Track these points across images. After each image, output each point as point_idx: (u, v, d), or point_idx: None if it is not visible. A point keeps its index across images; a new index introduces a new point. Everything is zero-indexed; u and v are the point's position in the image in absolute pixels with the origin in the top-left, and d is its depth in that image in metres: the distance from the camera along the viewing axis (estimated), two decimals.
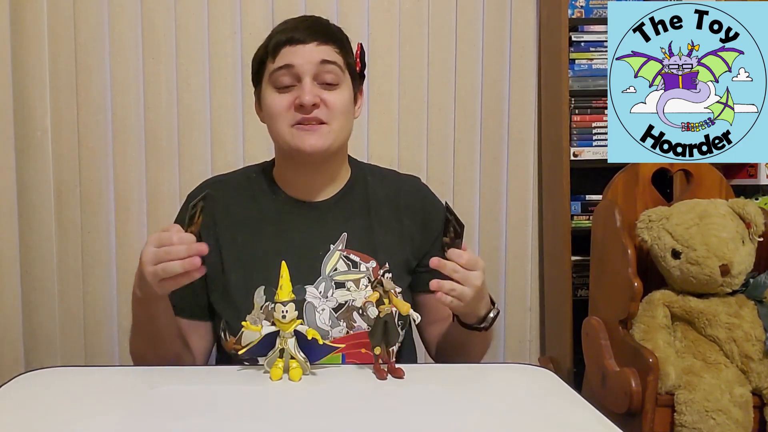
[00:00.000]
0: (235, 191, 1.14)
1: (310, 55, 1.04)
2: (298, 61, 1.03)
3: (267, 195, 1.13)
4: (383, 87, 2.13)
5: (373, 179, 1.17)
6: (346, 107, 1.07)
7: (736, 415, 1.50)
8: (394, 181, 1.19)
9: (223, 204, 1.11)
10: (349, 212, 1.12)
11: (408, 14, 2.14)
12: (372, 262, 1.07)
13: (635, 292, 1.62)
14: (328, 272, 1.07)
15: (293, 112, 1.04)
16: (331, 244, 1.09)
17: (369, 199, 1.14)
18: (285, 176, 1.13)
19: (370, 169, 1.20)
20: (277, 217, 1.11)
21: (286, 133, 1.05)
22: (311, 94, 1.02)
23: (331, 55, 1.05)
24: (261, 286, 1.01)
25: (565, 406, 0.76)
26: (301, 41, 1.04)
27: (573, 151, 2.08)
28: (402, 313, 0.84)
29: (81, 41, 2.04)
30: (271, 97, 1.06)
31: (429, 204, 1.19)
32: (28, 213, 2.04)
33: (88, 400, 0.77)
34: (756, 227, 1.64)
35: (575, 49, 2.09)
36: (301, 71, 1.03)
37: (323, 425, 0.68)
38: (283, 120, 1.05)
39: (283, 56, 1.04)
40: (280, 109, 1.05)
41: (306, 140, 1.03)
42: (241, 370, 0.85)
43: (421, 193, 1.20)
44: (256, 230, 1.10)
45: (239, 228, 1.10)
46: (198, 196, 1.08)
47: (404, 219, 1.15)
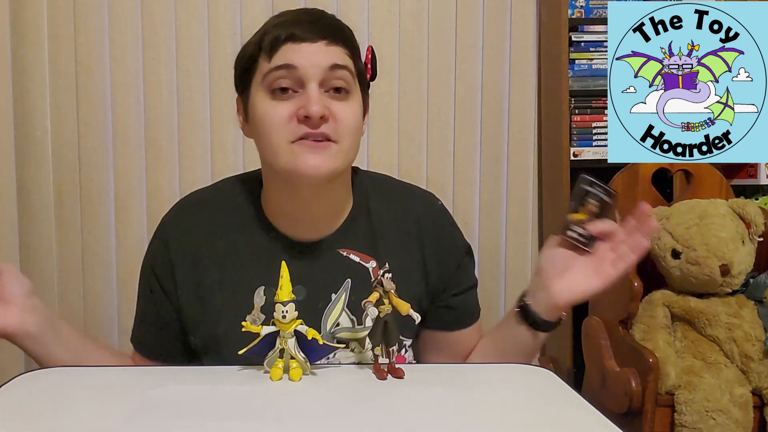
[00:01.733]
0: (218, 219, 0.95)
1: (318, 56, 0.85)
2: (302, 62, 0.84)
3: (256, 230, 0.94)
4: (383, 87, 2.13)
5: (376, 202, 0.98)
6: (357, 122, 0.89)
7: (736, 415, 1.50)
8: (403, 203, 0.99)
9: (206, 233, 0.94)
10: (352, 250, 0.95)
11: (408, 14, 2.14)
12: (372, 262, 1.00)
13: (635, 292, 1.62)
14: (330, 328, 0.93)
15: (294, 125, 0.84)
16: (332, 293, 0.93)
17: (374, 230, 0.96)
18: (276, 206, 0.94)
19: (375, 188, 1.00)
20: (267, 260, 0.91)
21: (285, 151, 0.85)
22: (320, 104, 0.83)
23: (342, 58, 0.87)
24: (261, 286, 1.00)
25: (565, 406, 0.76)
26: (306, 39, 0.85)
27: (573, 151, 2.08)
28: (402, 313, 0.84)
29: (81, 41, 2.04)
30: (265, 105, 0.86)
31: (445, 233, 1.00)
32: (28, 213, 2.04)
33: (88, 400, 0.77)
34: (756, 227, 1.64)
35: (575, 49, 2.09)
36: (306, 75, 0.84)
37: (323, 425, 0.68)
38: (281, 134, 0.85)
39: (284, 54, 0.85)
40: (277, 120, 0.85)
41: (309, 160, 0.84)
42: (241, 370, 0.85)
43: (434, 218, 1.00)
44: (244, 272, 0.92)
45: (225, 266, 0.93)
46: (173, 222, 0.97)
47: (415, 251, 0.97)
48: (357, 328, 0.93)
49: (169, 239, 0.96)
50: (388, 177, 1.06)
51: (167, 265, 0.95)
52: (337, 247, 0.95)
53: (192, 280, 0.94)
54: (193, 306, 0.95)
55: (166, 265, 0.95)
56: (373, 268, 1.03)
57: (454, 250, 1.01)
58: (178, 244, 0.95)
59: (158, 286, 0.96)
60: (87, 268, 2.07)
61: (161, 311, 0.97)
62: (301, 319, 0.81)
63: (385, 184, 1.03)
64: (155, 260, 0.97)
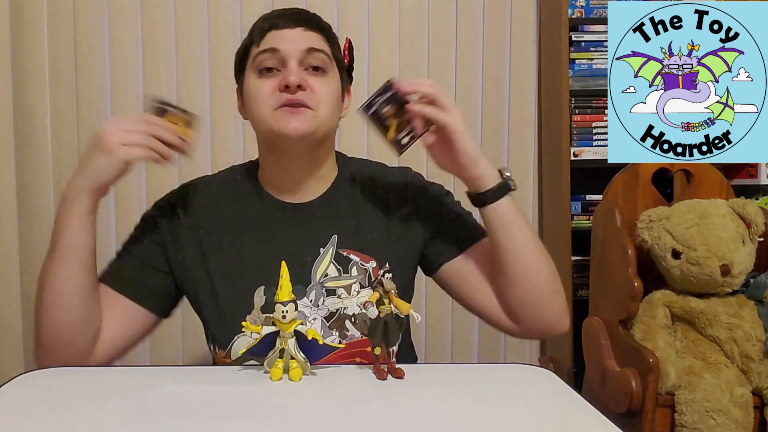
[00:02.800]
0: (219, 192, 1.09)
1: (296, 41, 1.01)
2: (283, 46, 1.00)
3: (251, 197, 1.08)
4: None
5: (360, 176, 1.12)
6: (333, 96, 1.03)
7: (737, 415, 1.50)
8: (382, 177, 1.13)
9: (207, 205, 1.07)
10: (336, 213, 1.07)
11: (408, 14, 2.14)
12: (372, 262, 1.04)
13: (635, 292, 1.62)
14: (319, 278, 1.02)
15: (277, 95, 0.99)
16: (320, 248, 1.04)
17: (356, 198, 1.09)
18: (269, 175, 1.08)
19: (357, 168, 1.14)
20: (262, 220, 1.06)
21: (269, 116, 0.99)
22: (297, 75, 0.98)
23: (318, 42, 1.02)
24: (261, 286, 1.01)
25: (565, 406, 0.76)
26: (286, 26, 1.02)
27: (573, 151, 2.08)
28: (402, 313, 0.84)
29: (81, 41, 2.04)
30: (254, 82, 1.02)
31: (418, 193, 1.13)
32: (28, 213, 2.04)
33: (88, 400, 0.77)
34: (756, 227, 1.64)
35: (575, 49, 2.09)
36: (287, 55, 1.00)
37: (323, 425, 0.68)
38: (266, 103, 1.00)
39: (268, 40, 1.01)
40: (263, 92, 1.00)
41: (289, 122, 0.98)
42: (241, 370, 0.85)
43: (407, 183, 1.14)
44: (241, 235, 1.04)
45: (224, 232, 1.05)
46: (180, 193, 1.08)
47: (393, 215, 1.09)
48: (343, 277, 1.03)
49: (176, 202, 1.07)
50: (366, 159, 1.20)
51: (173, 220, 1.06)
52: (323, 209, 1.07)
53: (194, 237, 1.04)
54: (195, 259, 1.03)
55: (172, 220, 1.06)
56: (373, 268, 1.04)
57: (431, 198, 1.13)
58: (182, 207, 1.07)
59: (157, 236, 1.06)
60: None
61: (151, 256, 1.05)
62: (300, 320, 0.81)
63: (368, 166, 1.17)
64: (162, 213, 1.07)
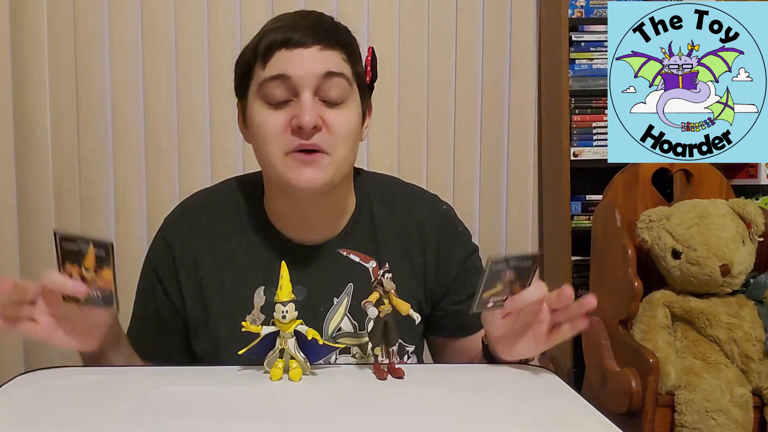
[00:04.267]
0: (220, 222, 0.96)
1: (312, 64, 0.84)
2: (296, 72, 0.84)
3: (258, 232, 0.94)
4: (383, 87, 2.13)
5: (380, 207, 0.98)
6: (352, 131, 0.88)
7: (737, 415, 1.50)
8: (406, 208, 0.98)
9: (207, 238, 0.95)
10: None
11: (408, 14, 2.14)
12: (372, 262, 0.99)
13: (635, 292, 1.62)
14: (331, 333, 0.93)
15: (288, 136, 0.84)
16: (334, 297, 0.93)
17: (376, 234, 0.96)
18: (277, 210, 0.94)
19: (378, 191, 0.99)
20: (269, 262, 0.92)
21: (279, 163, 0.85)
22: (312, 113, 0.83)
23: (337, 64, 0.86)
24: (261, 286, 1.00)
25: (565, 406, 0.76)
26: (300, 43, 0.84)
27: (573, 151, 2.08)
28: (402, 313, 0.84)
29: (81, 41, 2.04)
30: (262, 115, 0.86)
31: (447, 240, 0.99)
32: (28, 213, 2.04)
33: (88, 400, 0.77)
34: (756, 227, 1.64)
35: (575, 49, 2.09)
36: (300, 84, 0.84)
37: (323, 425, 0.68)
38: (276, 145, 0.85)
39: (277, 62, 0.84)
40: (273, 131, 0.85)
41: (302, 174, 0.84)
42: (241, 370, 0.85)
43: (437, 224, 0.99)
44: (245, 276, 0.93)
45: (226, 272, 0.93)
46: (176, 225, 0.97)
47: (416, 257, 0.97)
48: (359, 333, 0.93)
49: (173, 241, 0.96)
50: (392, 178, 1.06)
51: (171, 266, 0.96)
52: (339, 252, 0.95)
53: (194, 283, 0.95)
54: (196, 309, 0.95)
55: (170, 266, 0.96)
56: (373, 268, 1.02)
57: (454, 258, 0.99)
58: (180, 247, 0.96)
59: (160, 286, 0.97)
60: None
61: (161, 311, 0.98)
62: (301, 319, 0.81)
63: (388, 187, 1.02)
64: (158, 261, 0.97)
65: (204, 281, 0.94)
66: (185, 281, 0.94)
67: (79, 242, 0.76)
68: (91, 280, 0.77)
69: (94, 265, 0.77)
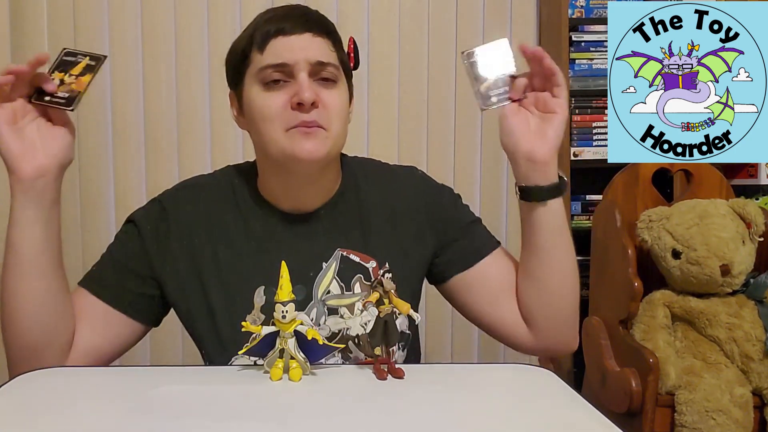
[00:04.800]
0: (216, 199, 1.01)
1: (306, 50, 0.92)
2: (292, 57, 0.91)
3: (251, 206, 1.01)
4: (383, 87, 2.13)
5: (365, 182, 1.05)
6: (344, 109, 0.96)
7: (737, 415, 1.50)
8: (388, 182, 1.06)
9: (203, 212, 0.99)
10: (341, 224, 1.01)
11: (408, 14, 2.15)
12: (372, 262, 1.03)
13: (635, 292, 1.62)
14: (321, 296, 0.98)
15: (289, 112, 0.91)
16: (323, 262, 0.98)
17: (362, 206, 1.03)
18: (271, 188, 1.01)
19: (361, 170, 1.07)
20: (262, 231, 0.99)
21: (281, 138, 0.92)
22: (311, 91, 0.90)
23: (327, 53, 0.94)
24: (261, 286, 1.00)
25: (565, 406, 0.76)
26: (294, 31, 0.92)
27: (573, 151, 2.08)
28: (402, 313, 0.84)
29: (81, 41, 2.04)
30: (261, 97, 0.93)
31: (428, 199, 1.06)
32: None
33: (88, 400, 0.77)
34: (756, 227, 1.64)
35: (575, 49, 2.09)
36: (297, 68, 0.91)
37: (323, 425, 0.68)
38: (278, 122, 0.91)
39: (274, 50, 0.92)
40: (273, 109, 0.91)
41: (304, 146, 0.91)
42: (241, 370, 0.85)
43: (420, 189, 1.07)
44: (239, 246, 0.98)
45: (220, 243, 0.98)
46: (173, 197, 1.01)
47: (402, 225, 1.03)
48: (346, 295, 0.99)
49: (169, 208, 1.00)
50: (371, 159, 1.13)
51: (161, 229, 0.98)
52: (327, 220, 1.00)
53: (186, 252, 0.98)
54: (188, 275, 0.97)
55: (159, 228, 0.98)
56: (373, 268, 1.03)
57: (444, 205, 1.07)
58: (175, 214, 0.99)
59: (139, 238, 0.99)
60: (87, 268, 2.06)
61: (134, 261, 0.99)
62: (301, 320, 0.81)
63: (370, 166, 1.10)
64: (148, 218, 1.00)
65: (196, 250, 0.98)
66: (175, 244, 0.97)
67: (79, 56, 0.87)
68: (68, 84, 0.86)
69: (79, 72, 0.85)
